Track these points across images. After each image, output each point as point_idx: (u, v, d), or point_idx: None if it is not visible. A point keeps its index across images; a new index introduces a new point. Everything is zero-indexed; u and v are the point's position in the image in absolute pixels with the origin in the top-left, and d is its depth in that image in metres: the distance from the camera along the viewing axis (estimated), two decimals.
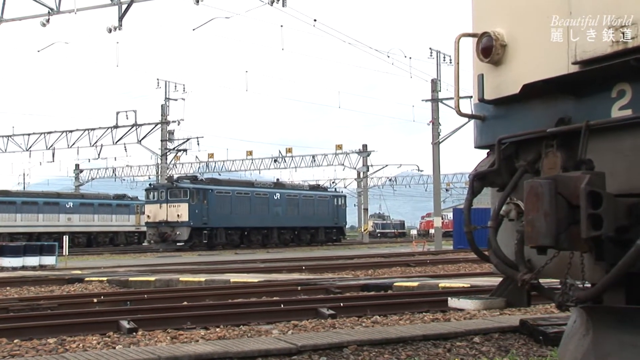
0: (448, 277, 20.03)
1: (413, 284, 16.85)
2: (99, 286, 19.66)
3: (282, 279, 19.58)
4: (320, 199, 63.09)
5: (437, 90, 47.99)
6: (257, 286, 17.35)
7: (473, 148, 5.28)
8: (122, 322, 10.86)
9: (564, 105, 4.46)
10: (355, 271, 24.68)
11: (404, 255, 37.15)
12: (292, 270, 24.46)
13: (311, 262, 29.39)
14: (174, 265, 28.47)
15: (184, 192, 50.54)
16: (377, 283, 17.45)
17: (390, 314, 12.39)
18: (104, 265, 29.87)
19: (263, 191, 57.75)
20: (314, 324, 11.23)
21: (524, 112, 4.73)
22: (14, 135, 62.74)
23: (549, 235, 3.87)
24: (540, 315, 10.71)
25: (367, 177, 77.85)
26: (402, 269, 25.90)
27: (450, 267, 26.67)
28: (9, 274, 23.82)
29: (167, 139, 57.34)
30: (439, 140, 47.17)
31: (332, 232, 64.14)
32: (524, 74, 4.57)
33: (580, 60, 4.14)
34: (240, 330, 10.71)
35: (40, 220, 56.89)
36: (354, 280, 19.05)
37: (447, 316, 11.93)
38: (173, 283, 19.39)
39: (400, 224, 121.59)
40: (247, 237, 56.16)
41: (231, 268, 25.75)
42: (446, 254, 37.26)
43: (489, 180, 4.93)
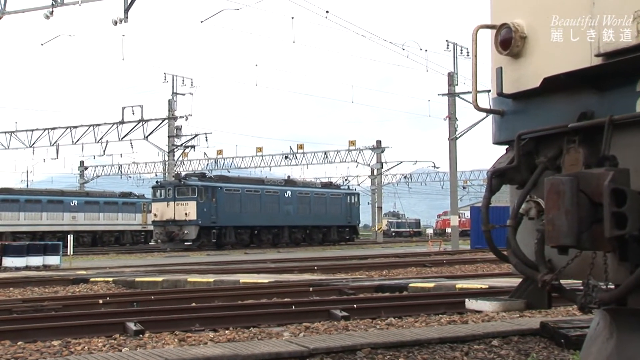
0: (465, 277, 19.99)
1: (429, 284, 16.83)
2: (105, 287, 19.74)
3: (294, 279, 19.59)
4: (333, 197, 63.08)
5: (454, 84, 47.88)
6: (267, 287, 17.36)
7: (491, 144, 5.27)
8: (128, 324, 10.89)
9: (587, 99, 4.44)
10: (369, 271, 24.68)
11: (419, 255, 37.11)
12: (303, 271, 24.47)
13: (323, 262, 29.39)
14: (182, 266, 28.54)
15: (192, 190, 50.65)
16: (391, 284, 17.43)
17: (406, 315, 12.38)
18: (109, 265, 29.98)
19: (274, 189, 57.80)
20: (326, 326, 11.24)
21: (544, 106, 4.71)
22: (16, 131, 62.98)
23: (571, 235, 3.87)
24: (562, 318, 10.68)
25: (381, 174, 77.78)
26: (418, 269, 25.88)
27: (468, 268, 26.61)
28: (12, 275, 23.94)
29: (175, 135, 57.46)
30: (455, 136, 47.05)
31: (345, 231, 64.13)
32: (545, 66, 4.56)
33: (604, 53, 4.12)
34: (250, 333, 10.73)
35: (44, 219, 57.14)
36: (368, 280, 19.05)
37: (465, 318, 11.91)
38: (181, 284, 19.44)
39: (416, 223, 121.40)
40: (257, 236, 56.22)
41: (241, 268, 25.79)
42: (463, 254, 37.19)
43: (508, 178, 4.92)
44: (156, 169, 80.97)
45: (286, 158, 74.40)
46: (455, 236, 49.02)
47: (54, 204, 58.27)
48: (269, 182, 59.33)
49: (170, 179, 55.03)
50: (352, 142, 72.59)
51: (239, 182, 56.07)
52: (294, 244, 58.72)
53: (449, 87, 48.01)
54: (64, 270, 26.26)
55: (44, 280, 20.93)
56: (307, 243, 60.43)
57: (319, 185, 65.87)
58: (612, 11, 4.03)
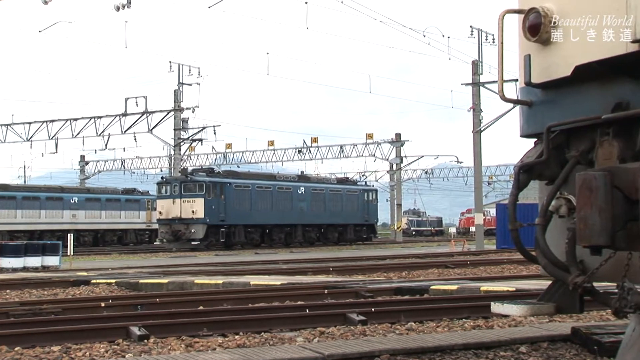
0: (491, 279, 19.95)
1: (452, 287, 16.81)
2: (107, 289, 19.82)
3: (307, 281, 19.61)
4: (349, 194, 63.08)
5: (479, 73, 47.75)
6: (279, 289, 17.38)
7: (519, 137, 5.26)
8: (132, 329, 10.93)
9: (622, 88, 4.42)
10: (388, 273, 24.68)
11: (441, 255, 37.08)
12: (318, 272, 24.50)
13: (339, 263, 29.41)
14: (189, 267, 28.63)
15: (199, 186, 50.76)
16: (411, 286, 17.43)
17: (427, 320, 12.37)
18: (112, 266, 30.10)
19: (286, 185, 57.84)
20: (342, 331, 11.25)
21: (576, 96, 4.69)
22: (13, 124, 63.25)
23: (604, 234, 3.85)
24: (595, 323, 10.64)
25: (401, 170, 77.69)
26: (440, 270, 25.86)
27: (493, 269, 26.57)
28: (9, 276, 24.08)
29: (181, 128, 57.58)
30: (480, 129, 46.93)
31: (362, 230, 64.12)
32: (576, 54, 4.53)
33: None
34: (262, 338, 10.75)
35: (43, 217, 57.39)
36: (387, 282, 19.04)
37: (490, 323, 11.90)
38: (188, 286, 19.49)
39: (437, 221, 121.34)
40: (269, 235, 56.31)
41: (251, 269, 25.84)
42: (488, 255, 37.12)
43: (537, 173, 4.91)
44: (161, 163, 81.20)
45: (299, 152, 74.41)
46: (480, 235, 48.92)
47: (53, 201, 58.52)
48: (281, 177, 59.38)
49: (176, 175, 55.15)
50: (369, 135, 72.53)
51: (249, 178, 56.14)
52: (307, 243, 58.75)
53: (473, 77, 47.88)
54: (64, 272, 26.38)
55: (43, 282, 21.03)
56: (322, 243, 60.45)
57: (334, 181, 65.88)
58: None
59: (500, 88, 5.22)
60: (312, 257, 37.87)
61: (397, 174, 76.56)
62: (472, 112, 47.66)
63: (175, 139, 58.10)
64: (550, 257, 4.65)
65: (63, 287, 20.45)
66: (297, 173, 65.96)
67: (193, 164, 77.20)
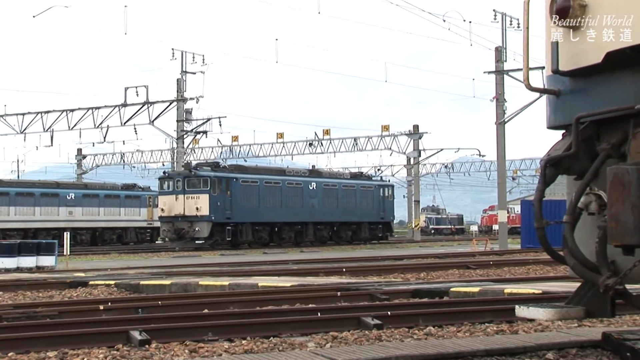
0: (515, 281, 19.92)
1: (473, 289, 16.79)
2: (106, 291, 19.88)
3: (319, 282, 19.62)
4: (364, 190, 63.07)
5: (503, 61, 47.64)
6: (289, 291, 17.40)
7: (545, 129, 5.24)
8: (132, 333, 10.96)
9: None
10: (405, 274, 24.68)
11: (462, 255, 37.04)
12: (330, 273, 24.51)
13: (353, 264, 29.42)
14: (193, 267, 28.69)
15: (204, 182, 50.83)
16: (430, 288, 17.41)
17: (447, 324, 12.36)
18: (111, 266, 30.18)
19: (296, 180, 57.88)
20: (356, 336, 11.25)
21: (607, 85, 4.67)
22: (6, 115, 63.50)
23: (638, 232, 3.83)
24: (628, 328, 10.60)
25: (419, 164, 77.62)
26: (461, 271, 25.83)
27: (518, 270, 26.53)
28: (2, 277, 24.15)
29: (184, 119, 57.67)
30: (504, 120, 46.84)
31: (377, 229, 64.13)
32: (608, 40, 4.51)
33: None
34: (270, 343, 10.76)
35: (37, 214, 57.59)
36: (404, 284, 19.03)
37: (515, 328, 11.87)
38: (191, 287, 19.54)
39: (458, 219, 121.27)
40: (278, 233, 56.36)
41: (259, 270, 25.88)
42: (513, 255, 37.05)
43: (565, 167, 4.89)
44: (163, 157, 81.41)
45: (310, 145, 74.44)
46: (504, 234, 48.83)
47: (48, 198, 58.72)
48: (291, 172, 59.42)
49: (179, 169, 55.26)
50: (385, 127, 72.48)
51: (257, 173, 56.20)
52: (319, 242, 58.78)
53: (497, 64, 47.78)
54: (60, 272, 26.46)
55: (38, 284, 21.10)
56: (335, 242, 60.48)
57: (348, 176, 65.87)
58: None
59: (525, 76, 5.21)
60: (324, 257, 37.89)
61: (415, 169, 76.49)
62: (495, 102, 47.56)
63: (178, 131, 58.20)
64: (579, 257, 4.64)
65: (59, 289, 20.51)
66: (308, 167, 65.97)
67: (197, 157, 77.42)
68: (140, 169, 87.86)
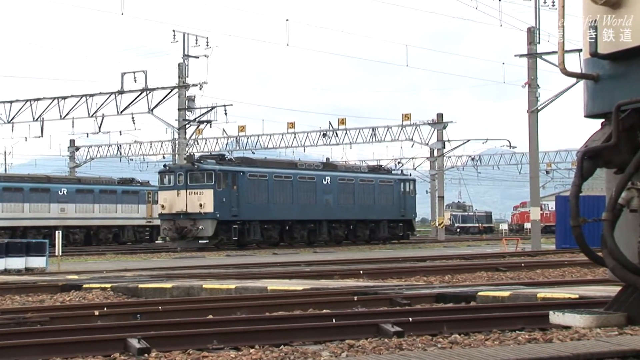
0: (549, 284, 19.90)
1: (503, 293, 16.78)
2: (101, 295, 19.93)
3: (334, 286, 19.65)
4: (383, 184, 63.04)
5: (535, 43, 47.46)
6: (301, 295, 17.42)
7: (582, 117, 5.22)
8: (130, 341, 10.99)
9: None
10: (428, 277, 24.68)
11: (491, 256, 37.01)
12: (346, 276, 24.53)
13: (371, 265, 29.43)
14: (196, 269, 28.74)
15: (208, 176, 50.88)
16: (456, 292, 17.42)
17: (474, 332, 12.36)
18: (107, 268, 30.27)
19: (309, 174, 57.88)
20: (374, 344, 11.26)
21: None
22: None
23: None
24: None
25: (443, 156, 77.51)
26: (489, 274, 25.82)
27: (552, 273, 26.52)
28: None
29: (187, 108, 57.71)
30: (537, 108, 46.70)
31: (397, 227, 64.08)
32: None
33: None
34: (281, 352, 10.78)
35: (26, 211, 57.74)
36: (427, 288, 19.03)
37: (548, 336, 11.86)
38: (195, 291, 19.59)
39: (486, 217, 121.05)
40: (289, 232, 56.39)
41: (268, 272, 25.92)
42: (546, 255, 37.01)
43: (604, 159, 4.87)
44: (164, 149, 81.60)
45: (324, 136, 74.41)
46: (537, 233, 48.72)
47: (38, 193, 58.85)
48: (304, 165, 59.42)
49: (181, 162, 55.32)
50: (406, 116, 72.40)
51: (266, 166, 56.23)
52: (334, 242, 58.79)
53: (529, 46, 47.60)
54: (51, 275, 26.55)
55: (27, 287, 21.17)
56: (351, 241, 60.47)
57: (366, 170, 65.81)
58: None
59: (560, 60, 5.20)
60: (339, 258, 37.91)
61: (439, 161, 76.38)
62: (527, 88, 47.40)
63: (179, 120, 58.23)
64: (619, 258, 4.62)
65: (50, 292, 20.58)
66: (321, 160, 65.95)
67: (201, 149, 77.56)
68: (138, 161, 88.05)
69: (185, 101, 57.56)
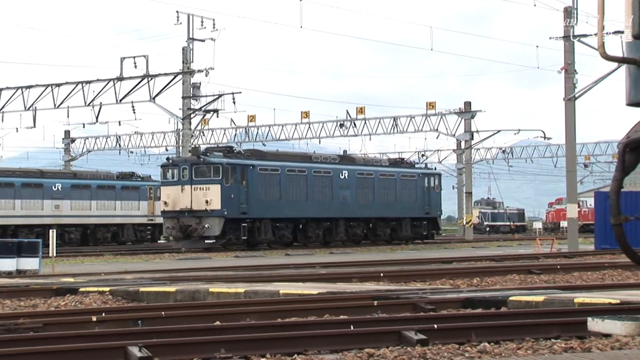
0: (587, 289, 19.84)
1: (537, 298, 16.76)
2: (99, 299, 19.99)
3: (352, 290, 19.66)
4: (405, 179, 62.97)
5: (573, 24, 47.31)
6: (316, 300, 17.44)
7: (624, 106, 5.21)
8: (131, 349, 11.02)
9: None
10: (455, 280, 24.66)
11: (523, 258, 36.95)
12: (365, 278, 24.53)
13: (392, 267, 29.42)
14: (202, 271, 28.77)
15: (215, 170, 50.89)
16: (485, 297, 17.40)
17: (505, 340, 12.36)
18: (105, 270, 30.34)
19: (325, 168, 57.86)
20: (396, 354, 11.27)
21: None
22: None
23: None
24: None
25: (472, 148, 77.40)
26: (522, 277, 25.76)
27: (591, 276, 26.43)
28: None
29: (191, 96, 57.77)
30: (574, 95, 46.57)
31: (421, 226, 64.00)
32: None
33: None
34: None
35: (18, 208, 57.84)
36: (453, 292, 19.03)
37: (587, 344, 11.84)
38: (200, 295, 19.62)
39: (518, 214, 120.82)
40: (303, 231, 56.39)
41: (281, 275, 25.94)
42: (585, 257, 36.88)
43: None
44: (166, 141, 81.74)
45: (341, 126, 74.41)
46: (574, 232, 48.62)
47: (31, 189, 58.95)
48: (319, 158, 59.38)
49: (185, 155, 55.38)
50: (430, 105, 72.32)
51: (278, 159, 56.20)
52: (352, 242, 58.79)
53: (566, 28, 47.45)
54: (45, 277, 26.63)
55: (19, 291, 21.24)
56: (370, 241, 60.46)
57: (387, 163, 65.75)
58: None
59: (600, 42, 5.18)
60: (357, 259, 37.89)
61: (467, 154, 76.30)
62: (563, 73, 47.27)
63: (184, 109, 58.31)
64: None
65: (44, 297, 20.63)
66: (338, 153, 65.91)
67: (207, 141, 77.66)
68: (139, 154, 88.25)
69: (190, 88, 57.62)
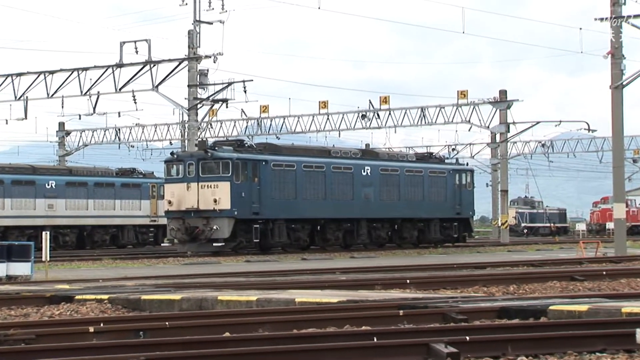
0: (636, 297, 19.81)
1: (580, 307, 16.74)
2: (97, 308, 20.03)
3: (375, 298, 19.67)
4: (434, 176, 62.91)
5: (621, 4, 47.15)
6: (336, 309, 17.45)
7: None
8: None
9: None
10: (489, 287, 24.63)
11: (565, 262, 36.87)
12: (390, 286, 24.53)
13: (419, 273, 29.42)
14: (210, 277, 28.82)
15: (224, 165, 50.90)
16: (522, 306, 17.39)
17: (544, 353, 12.36)
18: (103, 276, 30.40)
19: (345, 163, 57.83)
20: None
21: None
22: None
23: None
24: None
25: (507, 142, 77.23)
26: (563, 284, 25.74)
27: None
28: None
29: (198, 84, 57.83)
30: (622, 82, 46.42)
31: (451, 227, 63.92)
32: None
33: None
34: None
35: (8, 208, 57.97)
36: (487, 300, 19.01)
37: (635, 358, 11.83)
38: (208, 304, 19.65)
39: (559, 215, 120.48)
40: (321, 234, 56.35)
41: (296, 281, 25.94)
42: (633, 262, 36.81)
43: None
44: (170, 134, 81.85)
45: (363, 117, 74.40)
46: (621, 235, 48.47)
47: (22, 187, 59.08)
48: (338, 153, 59.35)
49: (191, 149, 55.46)
50: (462, 94, 72.24)
51: (293, 154, 56.18)
52: (375, 245, 58.75)
53: (613, 8, 47.28)
54: (38, 284, 26.71)
55: (9, 298, 21.30)
56: (395, 244, 60.42)
57: (413, 158, 65.68)
58: None
59: None
60: (381, 264, 37.88)
61: (502, 148, 76.13)
62: (609, 58, 47.11)
63: (190, 99, 58.36)
64: None
65: (37, 305, 20.70)
66: (360, 147, 65.89)
67: (215, 134, 77.78)
68: (140, 148, 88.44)
69: (197, 76, 57.64)
